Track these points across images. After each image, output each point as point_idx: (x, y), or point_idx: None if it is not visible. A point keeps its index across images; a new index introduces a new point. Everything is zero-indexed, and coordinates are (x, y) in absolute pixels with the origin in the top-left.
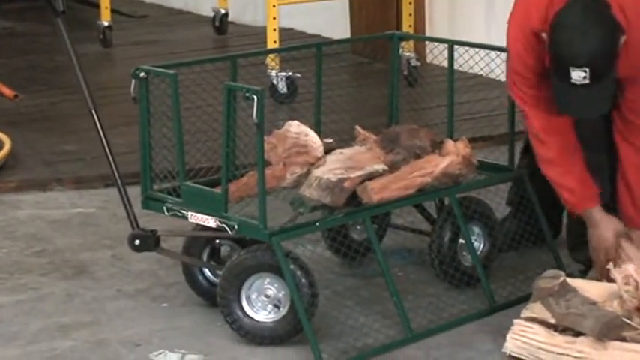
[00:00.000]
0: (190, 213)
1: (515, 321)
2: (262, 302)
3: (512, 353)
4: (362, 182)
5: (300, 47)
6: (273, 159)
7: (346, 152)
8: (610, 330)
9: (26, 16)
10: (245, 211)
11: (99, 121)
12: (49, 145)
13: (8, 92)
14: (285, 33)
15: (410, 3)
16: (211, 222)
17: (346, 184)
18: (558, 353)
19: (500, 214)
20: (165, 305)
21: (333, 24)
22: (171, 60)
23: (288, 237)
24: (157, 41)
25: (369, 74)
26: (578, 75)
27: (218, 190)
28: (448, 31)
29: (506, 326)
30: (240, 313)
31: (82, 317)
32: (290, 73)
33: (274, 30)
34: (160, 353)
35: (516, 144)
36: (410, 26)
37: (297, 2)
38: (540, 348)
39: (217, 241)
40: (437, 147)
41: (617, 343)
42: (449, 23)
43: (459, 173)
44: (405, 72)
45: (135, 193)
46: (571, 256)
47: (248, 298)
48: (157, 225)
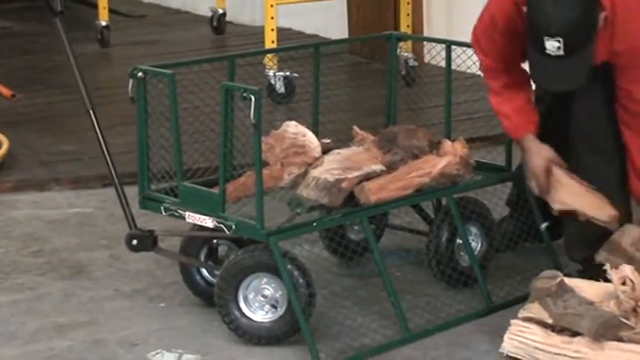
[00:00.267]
0: (188, 213)
1: (512, 321)
2: (260, 302)
3: (509, 353)
4: (359, 182)
5: (297, 47)
6: (270, 159)
7: (344, 152)
8: (607, 330)
9: (24, 16)
10: (242, 211)
11: (96, 121)
12: (47, 145)
13: (6, 92)
14: (283, 33)
15: (408, 3)
16: (209, 222)
17: (344, 185)
18: (555, 353)
19: (497, 215)
20: (162, 305)
21: (331, 24)
22: (169, 60)
23: (285, 237)
24: (155, 41)
25: (367, 74)
26: (552, 45)
27: (215, 190)
28: (446, 31)
29: (503, 326)
30: (237, 314)
31: (80, 317)
32: (288, 73)
33: (272, 30)
34: (158, 353)
35: (514, 144)
36: (408, 26)
37: (295, 2)
38: (537, 348)
39: (215, 241)
40: (434, 147)
41: (614, 344)
42: (447, 23)
43: (457, 173)
44: (403, 72)
45: (132, 193)
46: (567, 255)
47: (245, 298)
48: (155, 225)
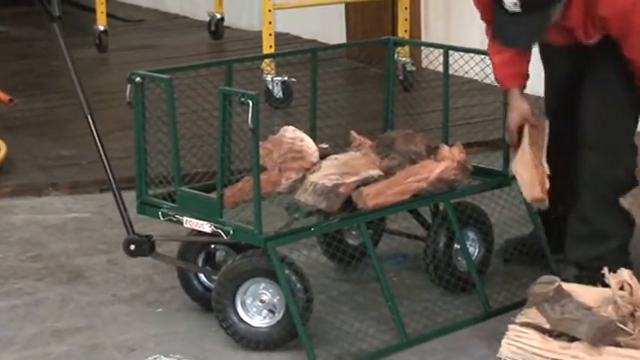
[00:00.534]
0: (185, 218)
1: (510, 326)
2: (257, 307)
3: (507, 358)
4: (357, 187)
5: (295, 52)
6: (268, 164)
7: (341, 157)
8: (604, 335)
9: (22, 21)
10: (240, 216)
11: (94, 126)
12: (45, 150)
13: (3, 97)
14: (280, 38)
15: (405, 8)
16: (206, 227)
17: (341, 190)
18: (553, 359)
19: (494, 220)
20: (160, 310)
21: (329, 29)
22: (166, 65)
23: (283, 242)
24: (153, 46)
25: (365, 79)
26: (509, 1)
27: (213, 195)
28: (443, 36)
29: (501, 331)
30: (235, 319)
31: (77, 322)
32: (285, 78)
33: (270, 35)
34: (155, 358)
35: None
36: (405, 31)
37: (293, 7)
38: (535, 353)
39: (212, 246)
40: (432, 152)
41: (611, 349)
42: (444, 28)
43: (454, 178)
44: (401, 77)
45: (130, 198)
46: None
47: (243, 304)
48: (152, 230)
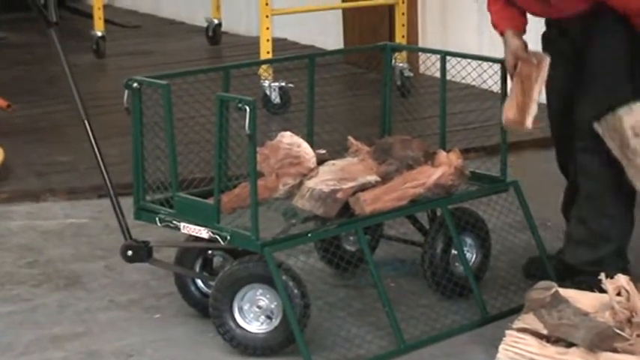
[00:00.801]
0: (183, 224)
1: (507, 332)
2: (255, 313)
3: None
4: (354, 193)
5: (292, 58)
6: (265, 170)
7: (339, 163)
8: (602, 341)
9: (20, 27)
10: (237, 222)
11: (92, 132)
12: (42, 156)
13: (1, 102)
14: (278, 43)
15: (403, 14)
16: (204, 233)
17: (339, 195)
18: None
19: (492, 225)
20: (157, 316)
21: (327, 34)
22: (164, 70)
23: (280, 248)
24: (151, 51)
25: (362, 85)
26: None
27: (211, 201)
28: (441, 42)
29: (498, 337)
30: (232, 324)
31: (75, 328)
32: (283, 84)
33: (267, 40)
34: None
35: (508, 155)
36: (403, 37)
37: (290, 13)
38: (532, 359)
39: (210, 252)
40: (429, 158)
41: (608, 354)
42: (441, 34)
43: (452, 184)
44: (398, 82)
45: (127, 204)
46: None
47: (240, 309)
48: (150, 236)
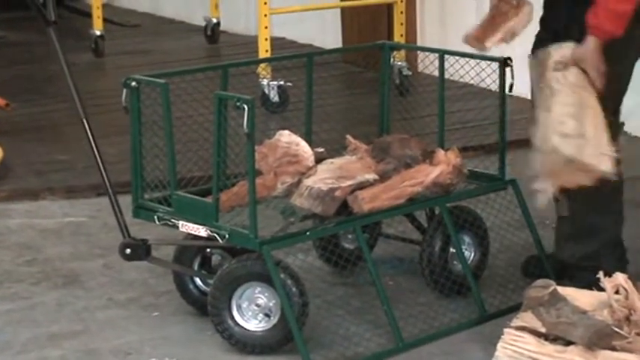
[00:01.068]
0: (181, 222)
1: (505, 330)
2: (253, 311)
3: None
4: (353, 191)
5: (291, 57)
6: (264, 168)
7: (337, 161)
8: (600, 339)
9: (19, 26)
10: (236, 221)
11: (90, 131)
12: (41, 154)
13: (0, 101)
14: (276, 42)
15: (401, 12)
16: (202, 231)
17: (337, 194)
18: None
19: (490, 224)
20: (156, 314)
21: (325, 33)
22: (163, 69)
23: (278, 246)
24: (149, 50)
25: (361, 83)
26: None
27: (209, 200)
28: (439, 41)
29: (497, 335)
30: (230, 322)
31: (73, 326)
32: (281, 83)
33: (266, 39)
34: None
35: (507, 153)
36: (401, 35)
37: (288, 12)
38: (531, 357)
39: (208, 250)
40: (428, 156)
41: (607, 352)
42: (440, 32)
43: (450, 183)
44: (397, 81)
45: (126, 202)
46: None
47: (239, 307)
48: (148, 234)
